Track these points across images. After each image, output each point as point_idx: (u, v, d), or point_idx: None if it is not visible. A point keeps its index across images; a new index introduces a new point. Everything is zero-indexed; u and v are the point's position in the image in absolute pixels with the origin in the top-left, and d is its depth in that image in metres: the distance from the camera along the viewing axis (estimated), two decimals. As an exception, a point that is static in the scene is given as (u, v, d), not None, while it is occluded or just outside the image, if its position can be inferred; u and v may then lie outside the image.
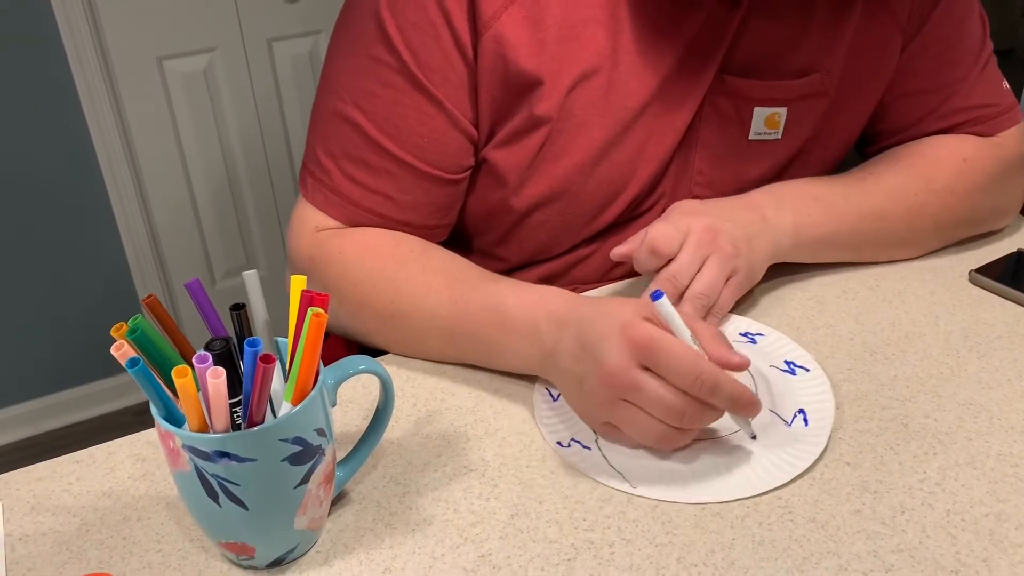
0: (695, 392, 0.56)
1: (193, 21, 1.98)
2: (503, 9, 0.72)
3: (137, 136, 2.02)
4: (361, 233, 0.77)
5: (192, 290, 0.51)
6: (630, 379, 0.57)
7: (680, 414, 0.57)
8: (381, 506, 0.58)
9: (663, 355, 0.56)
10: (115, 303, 2.15)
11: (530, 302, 0.66)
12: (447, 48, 0.73)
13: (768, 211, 0.76)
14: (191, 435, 0.47)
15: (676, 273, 0.70)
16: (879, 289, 0.80)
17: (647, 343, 0.56)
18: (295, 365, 0.50)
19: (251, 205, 2.23)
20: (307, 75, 2.15)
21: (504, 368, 0.70)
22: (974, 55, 0.85)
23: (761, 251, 0.74)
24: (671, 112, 0.78)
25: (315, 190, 0.79)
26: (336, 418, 0.67)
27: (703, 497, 0.58)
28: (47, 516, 0.59)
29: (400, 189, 0.77)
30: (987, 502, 0.56)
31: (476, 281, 0.71)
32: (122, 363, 0.45)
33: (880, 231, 0.81)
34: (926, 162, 0.83)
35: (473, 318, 0.69)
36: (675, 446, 0.60)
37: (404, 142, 0.75)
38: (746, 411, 0.58)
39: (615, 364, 0.57)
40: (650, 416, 0.58)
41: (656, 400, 0.57)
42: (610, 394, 0.58)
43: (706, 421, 0.58)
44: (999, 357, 0.71)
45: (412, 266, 0.73)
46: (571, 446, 0.62)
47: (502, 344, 0.68)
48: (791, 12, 0.77)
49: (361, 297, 0.74)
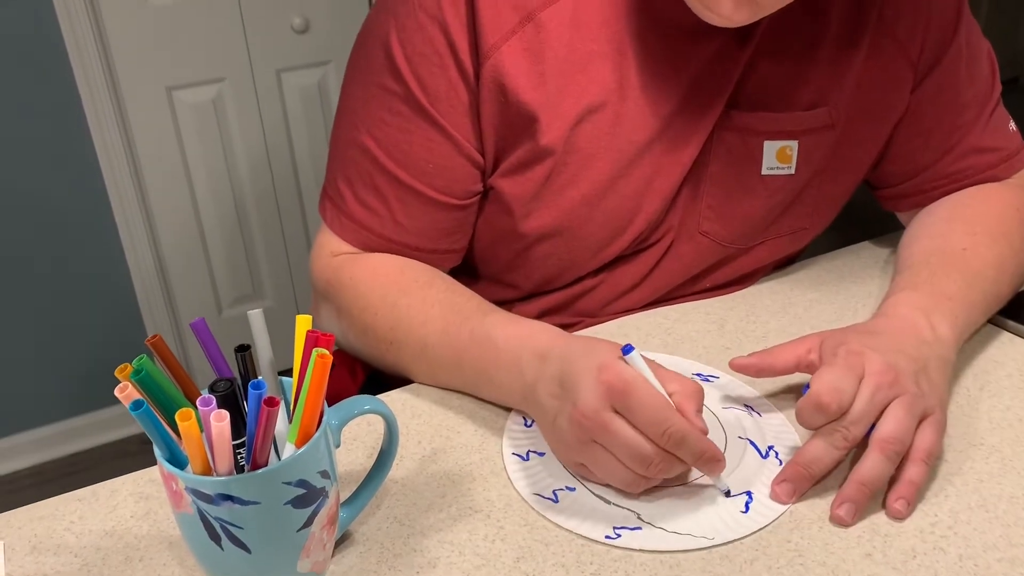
0: (662, 444, 0.56)
1: (202, 52, 2.00)
2: (504, 40, 0.73)
3: (146, 165, 2.03)
4: (372, 259, 0.80)
5: (197, 330, 0.51)
6: (600, 421, 0.57)
7: (646, 462, 0.57)
8: (385, 548, 0.58)
9: (635, 401, 0.56)
10: (122, 331, 2.15)
11: (517, 336, 0.67)
12: (452, 76, 0.74)
13: (924, 330, 0.68)
14: (194, 478, 0.47)
15: (852, 424, 0.60)
16: (888, 326, 0.80)
17: (621, 387, 0.56)
18: (299, 407, 0.50)
19: (258, 234, 2.23)
20: (315, 106, 2.16)
21: (490, 399, 0.71)
22: (985, 97, 0.84)
23: (939, 381, 0.65)
24: (678, 147, 0.78)
25: (332, 216, 0.81)
26: (339, 457, 0.66)
27: (685, 543, 0.57)
28: (48, 556, 0.59)
29: (409, 215, 0.79)
30: (1000, 547, 0.56)
31: (470, 312, 0.72)
32: (126, 405, 0.45)
33: (998, 304, 0.78)
34: (997, 224, 0.81)
35: (463, 350, 0.70)
36: (639, 490, 0.60)
37: (412, 168, 0.77)
38: (710, 468, 0.58)
39: (587, 405, 0.57)
40: (618, 460, 0.58)
41: (624, 445, 0.57)
42: (581, 434, 0.59)
43: (674, 471, 0.58)
44: (1010, 396, 0.70)
45: (413, 295, 0.75)
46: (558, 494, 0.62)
47: (488, 376, 0.69)
48: (799, 48, 0.78)
49: (366, 322, 0.77)
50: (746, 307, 0.85)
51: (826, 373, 0.61)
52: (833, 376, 0.60)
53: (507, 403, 0.70)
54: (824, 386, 0.60)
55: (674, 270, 0.85)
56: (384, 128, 0.77)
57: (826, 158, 0.83)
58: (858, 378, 0.61)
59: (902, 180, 0.88)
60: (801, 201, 0.85)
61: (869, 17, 0.78)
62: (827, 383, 0.60)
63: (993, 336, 0.78)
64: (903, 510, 0.58)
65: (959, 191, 0.86)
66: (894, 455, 0.59)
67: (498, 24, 0.73)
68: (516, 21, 0.73)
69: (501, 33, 0.73)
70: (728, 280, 0.88)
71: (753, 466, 0.63)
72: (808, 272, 0.92)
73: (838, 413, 0.60)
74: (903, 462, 0.60)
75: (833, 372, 0.61)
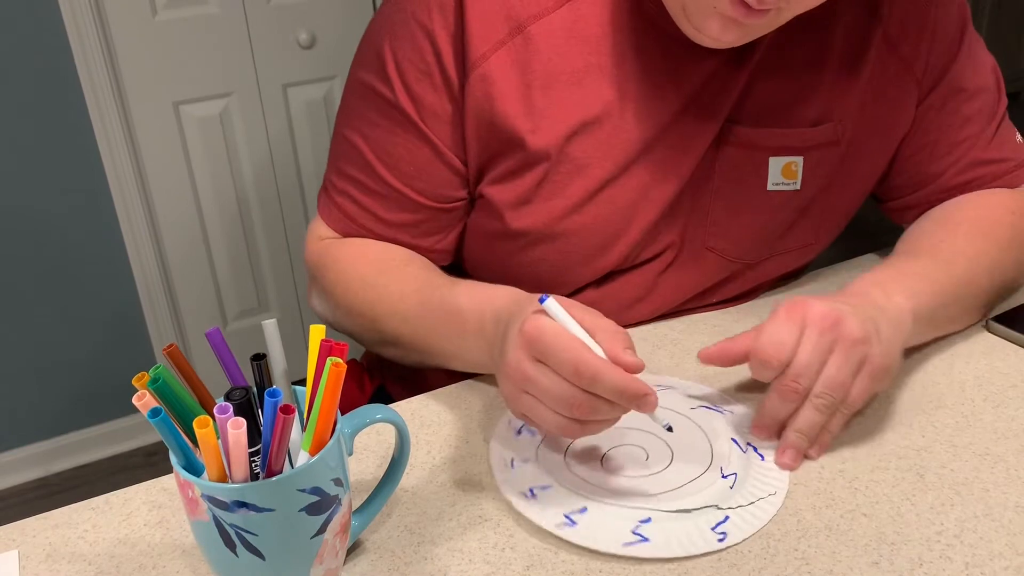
0: (577, 383, 0.56)
1: (209, 66, 2.01)
2: (492, 51, 0.75)
3: (152, 179, 2.05)
4: (355, 242, 0.84)
5: (213, 340, 0.51)
6: (522, 371, 0.59)
7: (569, 405, 0.57)
8: (396, 556, 0.58)
9: (548, 347, 0.57)
10: (127, 345, 2.16)
11: (480, 301, 0.70)
12: (437, 84, 0.77)
13: (878, 297, 0.70)
14: (210, 485, 0.47)
15: (797, 376, 0.63)
16: (893, 337, 0.80)
17: (535, 335, 0.58)
18: (313, 415, 0.50)
19: (264, 248, 2.24)
20: (321, 120, 2.17)
21: (467, 369, 0.74)
22: (990, 110, 0.85)
23: (893, 339, 0.66)
24: (675, 159, 0.78)
25: (323, 203, 0.86)
26: (351, 467, 0.67)
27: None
28: (63, 564, 0.59)
29: (388, 211, 0.82)
30: (1007, 555, 0.56)
31: (440, 284, 0.75)
32: (144, 413, 0.46)
33: (971, 296, 0.78)
34: (983, 222, 0.81)
35: (436, 320, 0.73)
36: (579, 436, 0.61)
37: (395, 169, 0.80)
38: (636, 404, 0.57)
39: (511, 357, 0.59)
40: (547, 407, 0.59)
41: (545, 391, 0.58)
42: (512, 387, 0.60)
43: (602, 413, 0.58)
44: (1014, 406, 0.71)
45: (391, 274, 0.79)
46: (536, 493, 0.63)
47: (458, 344, 0.72)
48: (800, 67, 0.78)
49: (350, 302, 0.81)
50: (752, 319, 0.86)
51: (767, 326, 0.64)
52: (773, 328, 0.64)
53: (481, 370, 0.72)
54: (765, 339, 0.63)
55: (681, 285, 0.85)
56: (372, 128, 0.80)
57: (832, 174, 0.83)
58: (799, 328, 0.64)
59: (908, 192, 0.88)
60: (807, 216, 0.85)
61: (873, 35, 0.79)
62: (767, 336, 0.64)
63: (997, 347, 0.78)
64: (816, 456, 0.65)
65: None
66: (825, 408, 0.63)
67: (487, 35, 0.74)
68: (506, 32, 0.75)
69: (490, 44, 0.75)
70: (736, 295, 0.89)
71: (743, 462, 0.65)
72: (814, 285, 0.92)
73: (783, 365, 0.63)
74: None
75: (774, 325, 0.64)
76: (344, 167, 0.83)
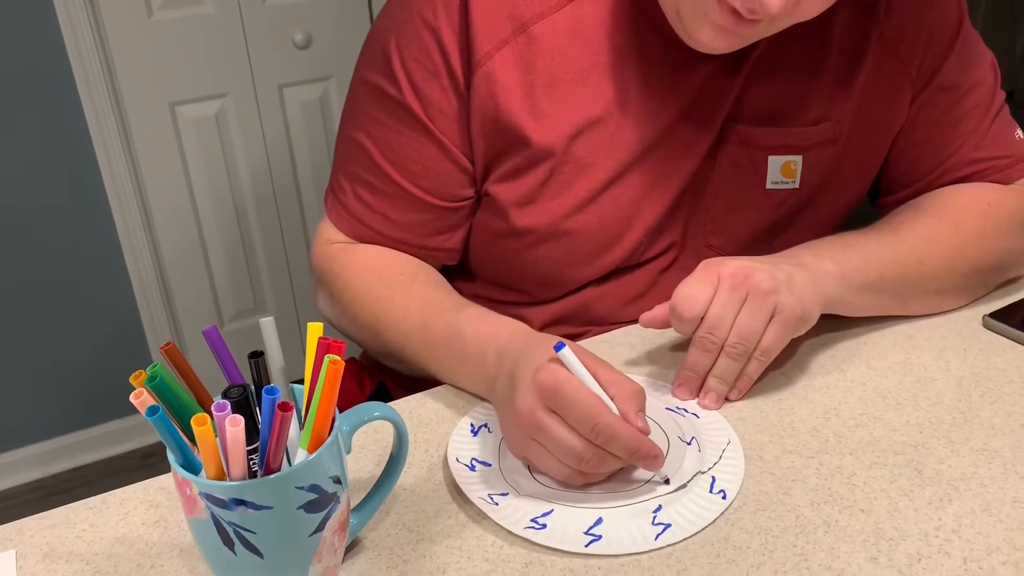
0: (593, 440, 0.57)
1: (205, 67, 2.01)
2: (496, 49, 0.75)
3: (148, 180, 2.04)
4: (362, 251, 0.83)
5: (210, 337, 0.51)
6: (535, 420, 0.59)
7: (579, 458, 0.58)
8: (394, 553, 0.58)
9: (568, 400, 0.57)
10: (123, 346, 2.16)
11: (484, 333, 0.70)
12: (443, 83, 0.77)
13: (806, 258, 0.73)
14: (208, 483, 0.47)
15: (712, 329, 0.68)
16: (890, 334, 0.80)
17: (553, 387, 0.58)
18: (311, 412, 0.50)
19: (260, 248, 2.24)
20: (317, 120, 2.17)
21: (464, 389, 0.74)
22: (986, 106, 0.85)
23: (806, 290, 0.70)
24: (677, 158, 0.79)
25: (331, 205, 0.86)
26: (348, 465, 0.67)
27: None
28: (60, 564, 0.59)
29: (397, 211, 0.82)
30: (1004, 550, 0.56)
31: (446, 308, 0.75)
32: (141, 411, 0.46)
33: (921, 276, 0.78)
34: (951, 208, 0.82)
35: (438, 343, 0.74)
36: (579, 484, 0.61)
37: (402, 168, 0.80)
38: (646, 464, 0.60)
39: (523, 405, 0.60)
40: (554, 457, 0.59)
41: (556, 442, 0.58)
42: (520, 432, 0.61)
43: (608, 468, 0.60)
44: (1011, 402, 0.71)
45: (396, 289, 0.79)
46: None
47: (457, 370, 0.73)
48: (802, 66, 0.79)
49: (355, 312, 0.81)
50: (749, 316, 0.86)
51: (683, 284, 0.69)
52: (688, 285, 0.68)
53: (478, 393, 0.73)
54: (679, 296, 0.68)
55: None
56: (379, 128, 0.80)
57: (830, 172, 0.84)
58: (713, 284, 0.68)
59: (902, 188, 0.89)
60: (806, 214, 0.86)
61: (871, 36, 0.79)
62: (682, 292, 0.68)
63: (994, 343, 0.79)
64: (735, 398, 0.71)
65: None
66: (738, 356, 0.68)
67: (491, 33, 0.75)
68: (509, 31, 0.75)
69: (494, 42, 0.75)
70: None
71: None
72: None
73: (696, 319, 0.68)
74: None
75: (689, 282, 0.69)
76: (351, 168, 0.83)
